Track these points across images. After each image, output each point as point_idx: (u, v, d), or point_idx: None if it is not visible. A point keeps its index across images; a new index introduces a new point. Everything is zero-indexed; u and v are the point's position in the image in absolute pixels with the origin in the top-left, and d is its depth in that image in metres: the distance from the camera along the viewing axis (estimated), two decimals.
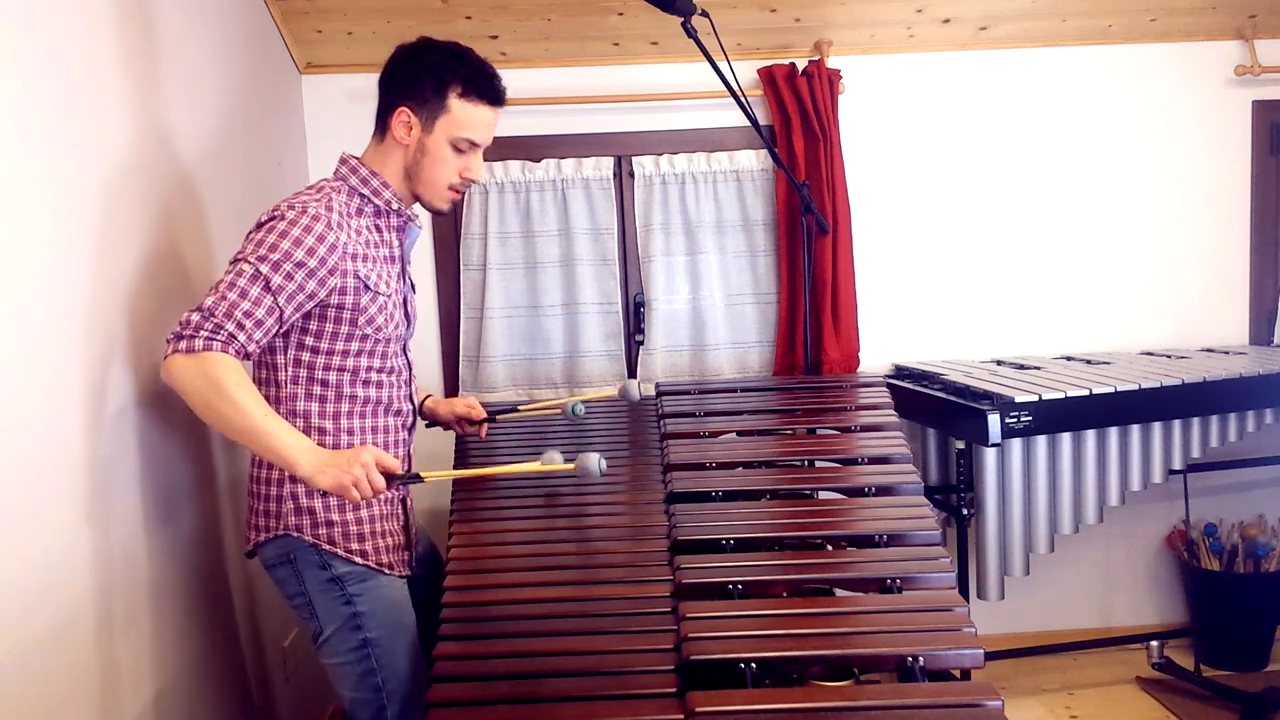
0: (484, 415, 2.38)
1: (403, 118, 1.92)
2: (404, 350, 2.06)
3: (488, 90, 1.93)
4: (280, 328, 1.82)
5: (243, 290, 1.75)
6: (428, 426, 2.40)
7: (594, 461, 1.93)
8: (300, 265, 1.79)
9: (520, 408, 2.52)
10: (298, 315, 1.84)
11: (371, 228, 1.95)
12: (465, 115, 1.92)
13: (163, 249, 2.07)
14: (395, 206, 1.97)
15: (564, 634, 1.69)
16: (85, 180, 1.78)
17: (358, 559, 1.92)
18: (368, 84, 3.27)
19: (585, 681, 1.54)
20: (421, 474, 1.85)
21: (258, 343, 1.77)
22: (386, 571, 1.96)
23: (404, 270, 2.06)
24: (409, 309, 2.08)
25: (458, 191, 2.00)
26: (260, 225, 1.84)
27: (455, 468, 2.41)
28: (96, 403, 1.77)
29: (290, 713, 2.70)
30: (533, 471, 2.02)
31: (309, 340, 1.89)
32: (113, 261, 1.85)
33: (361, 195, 1.95)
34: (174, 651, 2.04)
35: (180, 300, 2.10)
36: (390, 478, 1.78)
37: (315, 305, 1.85)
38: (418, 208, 2.05)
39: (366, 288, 1.89)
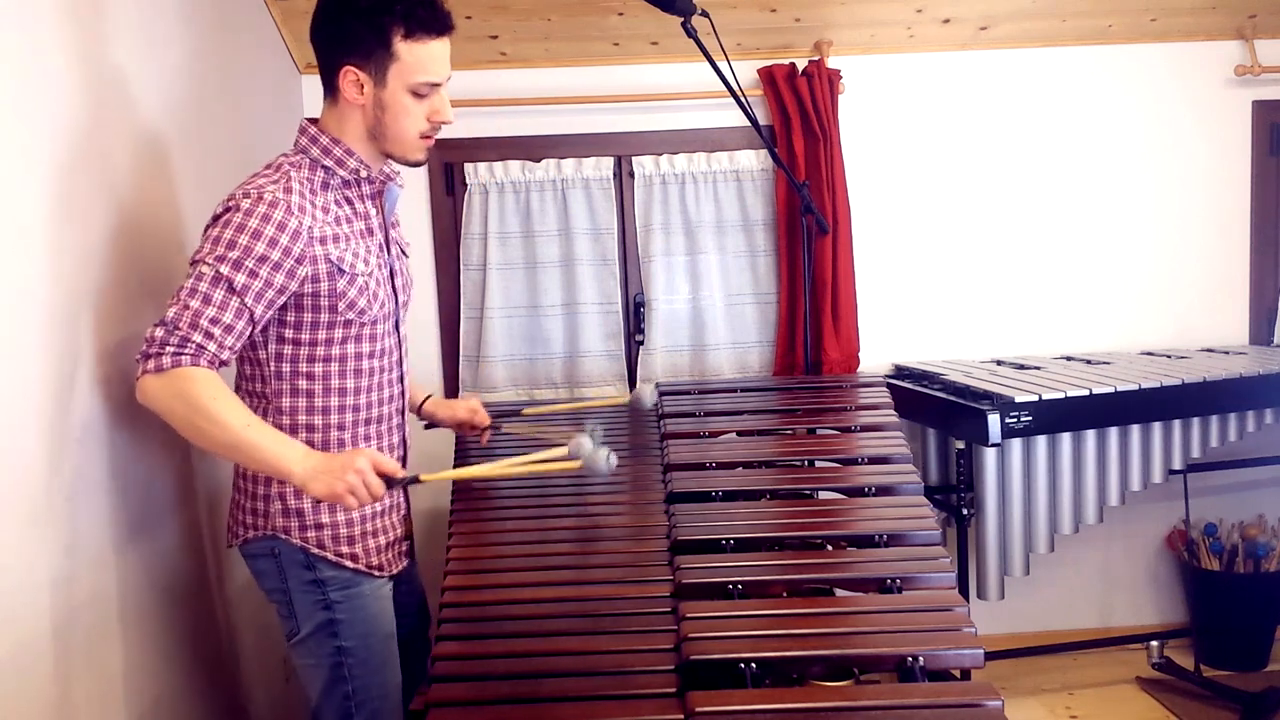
0: (487, 422, 2.29)
1: (350, 77, 1.75)
2: (396, 328, 1.92)
3: (431, 22, 1.74)
4: (254, 328, 1.71)
5: (205, 296, 1.64)
6: (425, 428, 2.32)
7: (602, 458, 1.85)
8: (264, 260, 1.67)
9: (524, 410, 2.49)
10: (271, 311, 1.72)
11: (341, 201, 1.81)
12: (416, 57, 1.74)
13: (153, 251, 2.02)
14: (364, 174, 1.83)
15: (564, 634, 1.69)
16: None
17: (347, 562, 1.86)
18: None
19: (585, 681, 1.54)
20: (421, 476, 1.76)
21: (230, 349, 1.67)
22: (376, 574, 1.90)
23: (388, 239, 1.91)
24: (397, 281, 1.94)
25: (429, 138, 1.83)
26: (216, 219, 1.71)
27: (455, 461, 2.40)
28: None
29: (290, 714, 2.69)
30: (536, 472, 1.97)
31: (288, 333, 1.78)
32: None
33: (325, 168, 1.79)
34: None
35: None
36: (389, 481, 1.69)
37: (289, 297, 1.74)
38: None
39: (341, 271, 1.76)
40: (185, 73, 2.32)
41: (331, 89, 1.80)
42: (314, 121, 1.83)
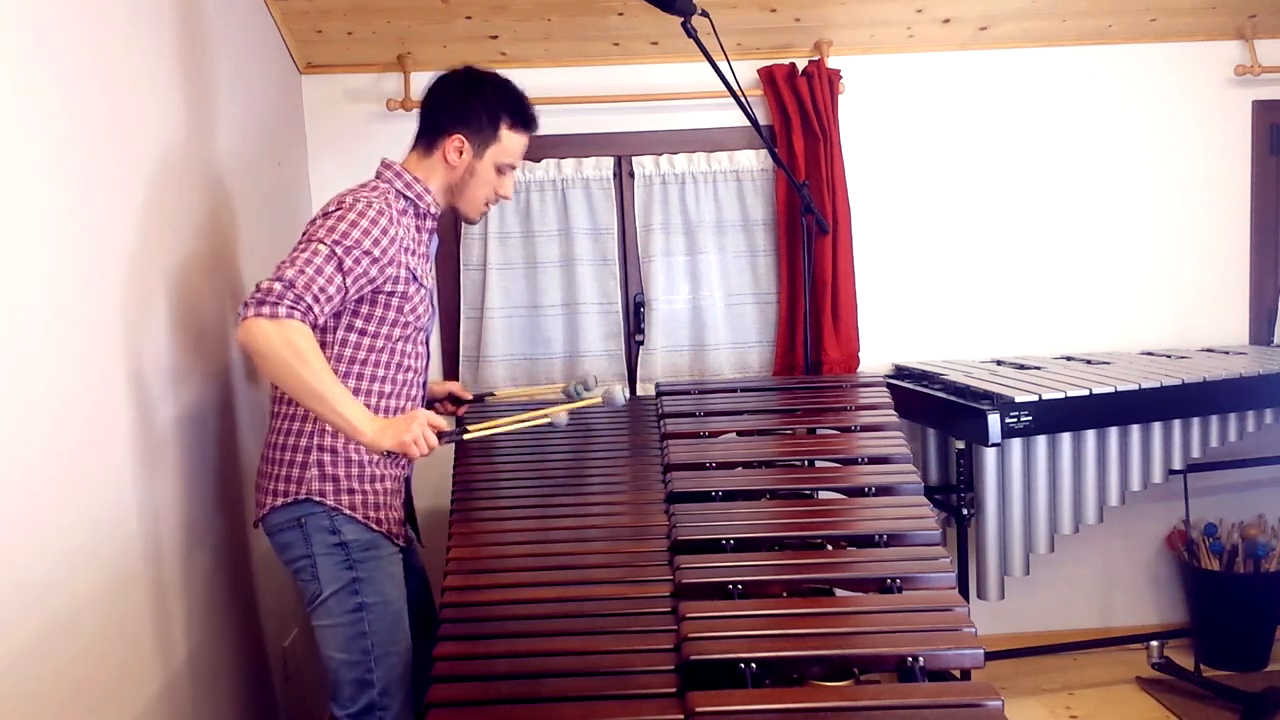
0: (469, 396, 2.53)
1: (456, 144, 2.11)
2: (426, 341, 2.21)
3: (531, 120, 2.17)
4: (340, 306, 1.97)
5: (319, 268, 1.91)
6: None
7: (618, 391, 2.20)
8: (367, 253, 1.96)
9: (496, 392, 2.69)
10: (356, 295, 1.99)
11: (414, 228, 2.12)
12: (512, 143, 2.15)
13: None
14: (434, 211, 2.16)
15: (564, 634, 1.70)
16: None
17: (374, 525, 2.07)
18: (368, 84, 3.28)
19: (585, 681, 1.54)
20: (466, 429, 2.07)
21: (324, 315, 1.93)
22: (394, 541, 2.12)
23: (431, 269, 2.22)
24: (434, 304, 2.23)
25: (489, 205, 2.22)
26: (329, 213, 1.99)
27: (455, 461, 2.44)
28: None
29: (290, 713, 2.70)
30: (563, 410, 2.17)
31: (359, 323, 2.04)
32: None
33: (406, 198, 2.11)
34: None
35: (187, 287, 2.17)
36: (440, 435, 1.94)
37: (370, 290, 2.01)
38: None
39: (414, 279, 2.07)
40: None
41: (429, 145, 2.14)
42: (396, 163, 2.15)
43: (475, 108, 2.12)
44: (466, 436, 2.08)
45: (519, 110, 2.15)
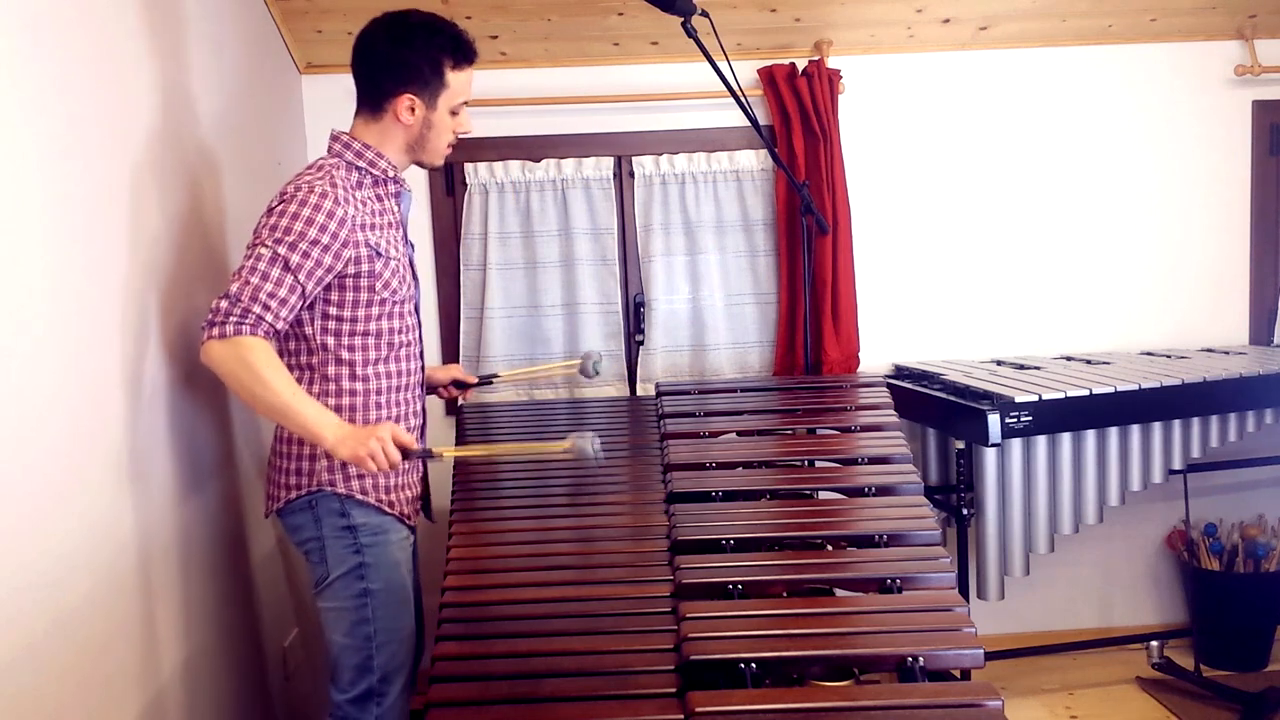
0: (476, 380, 2.53)
1: (407, 103, 2.03)
2: (415, 310, 2.17)
3: (470, 53, 2.07)
4: (304, 303, 1.94)
5: (264, 273, 1.88)
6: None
7: (588, 443, 2.05)
8: (315, 243, 1.91)
9: (502, 374, 2.67)
10: (319, 289, 1.96)
11: (373, 197, 2.07)
12: (459, 83, 2.06)
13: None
14: (391, 174, 2.09)
15: (564, 634, 1.69)
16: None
17: (386, 508, 2.07)
18: None
19: (585, 681, 1.54)
20: (433, 450, 2.00)
21: (285, 320, 1.91)
22: (405, 521, 2.13)
23: (405, 233, 2.17)
24: (414, 269, 2.18)
25: (452, 147, 2.15)
26: (271, 210, 1.95)
27: (455, 461, 2.44)
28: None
29: (290, 712, 2.70)
30: (538, 451, 2.21)
31: (332, 310, 2.01)
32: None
33: (359, 169, 2.06)
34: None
35: (182, 287, 2.16)
36: (406, 453, 1.92)
37: (334, 277, 1.97)
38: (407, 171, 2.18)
39: (379, 254, 2.01)
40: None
41: (377, 108, 2.06)
42: (345, 133, 2.09)
43: (413, 61, 2.02)
44: (435, 453, 2.01)
45: (457, 49, 2.04)
